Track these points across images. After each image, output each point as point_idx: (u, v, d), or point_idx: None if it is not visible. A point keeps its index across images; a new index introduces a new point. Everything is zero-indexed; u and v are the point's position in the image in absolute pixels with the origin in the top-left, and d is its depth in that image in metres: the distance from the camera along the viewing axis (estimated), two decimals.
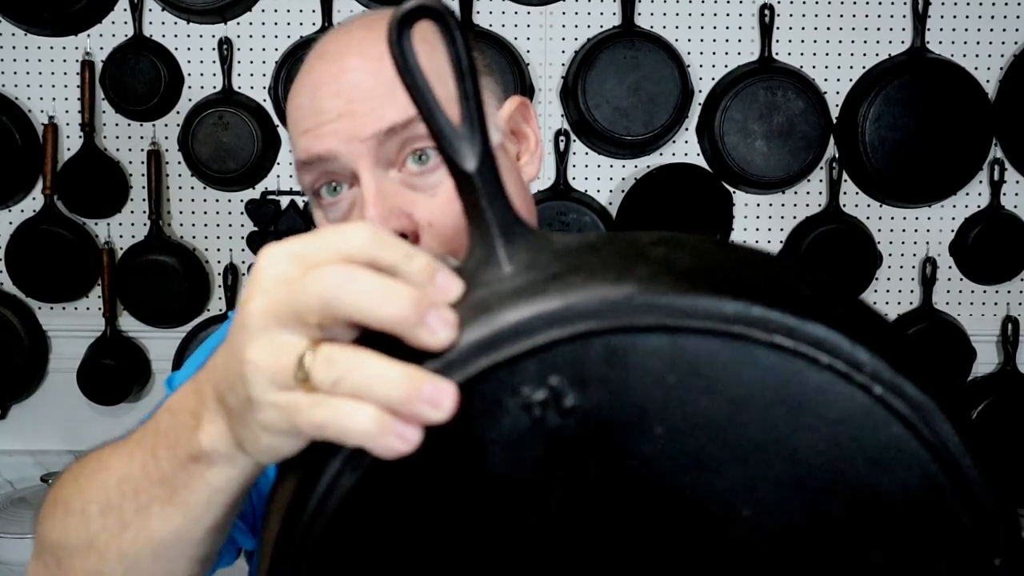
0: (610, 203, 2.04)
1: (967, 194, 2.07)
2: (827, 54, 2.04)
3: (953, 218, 2.08)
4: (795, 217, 2.07)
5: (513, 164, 0.85)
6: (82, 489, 0.60)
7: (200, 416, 0.49)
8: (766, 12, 2.00)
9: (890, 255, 2.08)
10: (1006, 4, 2.04)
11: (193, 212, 2.04)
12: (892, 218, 2.08)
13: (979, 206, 2.08)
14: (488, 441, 0.38)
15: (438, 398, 0.38)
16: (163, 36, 2.00)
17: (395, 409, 0.38)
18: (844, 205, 2.05)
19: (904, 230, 2.08)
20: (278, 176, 2.02)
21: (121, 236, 2.03)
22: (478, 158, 0.43)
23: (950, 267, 2.09)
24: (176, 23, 2.00)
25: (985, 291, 2.10)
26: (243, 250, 2.02)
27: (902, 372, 0.37)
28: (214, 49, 1.99)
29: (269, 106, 2.00)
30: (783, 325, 0.37)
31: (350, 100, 0.75)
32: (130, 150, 2.02)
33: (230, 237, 2.04)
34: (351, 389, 0.39)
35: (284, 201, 1.99)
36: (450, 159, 0.43)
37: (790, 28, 2.04)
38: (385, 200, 0.75)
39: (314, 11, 1.98)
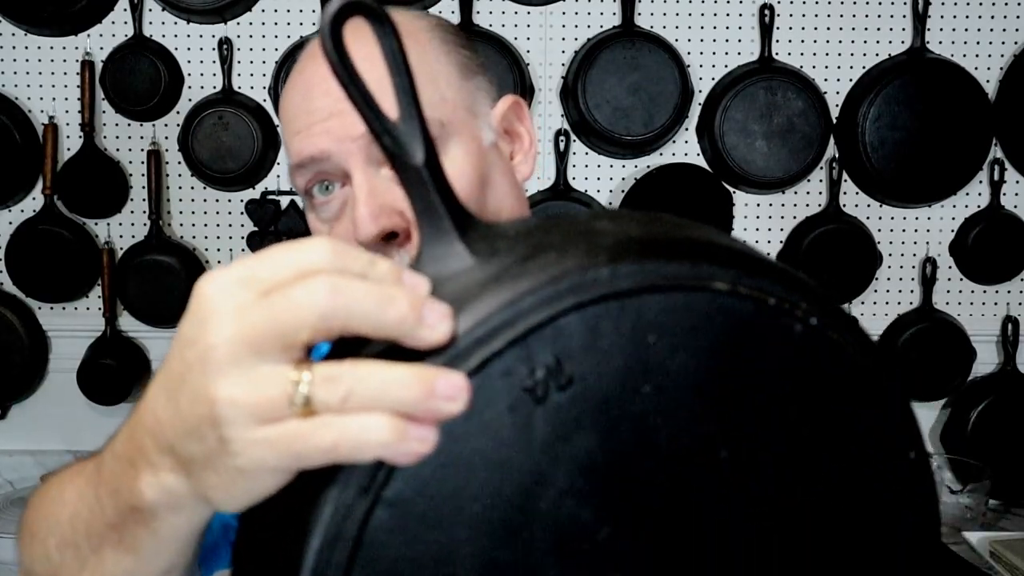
0: (610, 203, 2.04)
1: (967, 194, 2.07)
2: (827, 54, 2.04)
3: (953, 218, 2.08)
4: (795, 217, 2.07)
5: (507, 163, 0.86)
6: (43, 519, 0.59)
7: (138, 466, 0.46)
8: (766, 12, 2.01)
9: (890, 255, 2.08)
10: (1006, 4, 2.04)
11: (193, 212, 2.04)
12: (892, 218, 2.08)
13: (979, 206, 2.08)
14: (495, 429, 0.39)
15: (454, 391, 0.37)
16: (163, 36, 2.00)
17: (411, 411, 0.37)
18: (844, 205, 2.05)
19: (904, 230, 2.08)
20: (278, 176, 2.02)
21: (121, 236, 2.03)
22: (423, 151, 0.43)
23: (950, 267, 2.09)
24: (176, 23, 2.00)
25: (985, 291, 2.10)
26: (243, 250, 2.02)
27: (827, 305, 0.43)
28: (214, 49, 1.99)
29: (269, 106, 2.00)
30: (736, 275, 0.41)
31: (341, 99, 0.75)
32: (130, 150, 2.02)
33: (230, 237, 2.04)
34: (363, 402, 0.37)
35: (284, 201, 1.99)
36: (395, 155, 0.43)
37: (790, 28, 2.04)
38: (376, 198, 0.75)
39: (314, 11, 1.99)
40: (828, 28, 2.04)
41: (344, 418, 0.38)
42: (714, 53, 2.03)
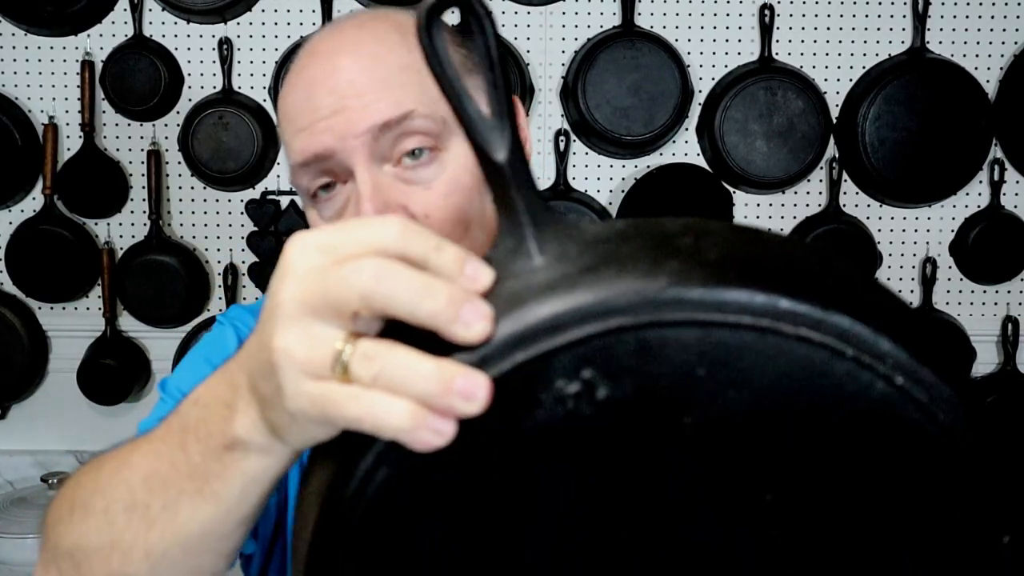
0: (610, 203, 2.04)
1: (967, 194, 2.07)
2: (827, 54, 2.04)
3: (953, 218, 2.08)
4: (795, 217, 2.07)
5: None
6: (103, 489, 0.59)
7: (234, 406, 0.50)
8: (766, 12, 2.01)
9: (890, 255, 2.08)
10: (1006, 4, 2.04)
11: (193, 212, 2.04)
12: (892, 218, 2.08)
13: (979, 206, 2.08)
14: (522, 433, 0.39)
15: (472, 391, 0.38)
16: (163, 36, 2.00)
17: (430, 403, 0.39)
18: (844, 205, 2.05)
19: (904, 230, 2.08)
20: (278, 176, 2.02)
21: (121, 236, 2.03)
22: (508, 148, 0.43)
23: (950, 267, 2.09)
24: (176, 23, 2.00)
25: (985, 291, 2.10)
26: (243, 250, 2.02)
27: (921, 360, 0.38)
28: (214, 49, 1.99)
29: (269, 106, 2.00)
30: (810, 317, 0.38)
31: (343, 97, 0.76)
32: (130, 150, 2.02)
33: (230, 237, 2.04)
34: (388, 384, 0.40)
35: (284, 201, 1.99)
36: (480, 150, 0.44)
37: (790, 28, 2.04)
38: (381, 194, 0.76)
39: (314, 11, 1.98)
40: (828, 28, 2.04)
41: (372, 395, 0.40)
42: (714, 53, 2.03)
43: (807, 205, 2.07)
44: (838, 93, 2.04)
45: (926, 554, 0.40)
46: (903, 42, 2.04)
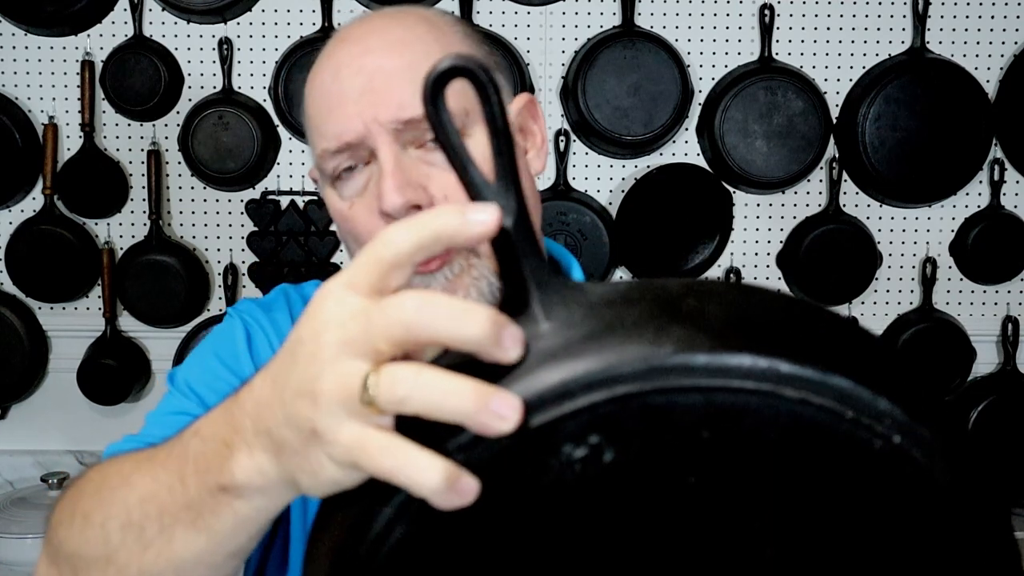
0: (610, 203, 2.04)
1: (967, 194, 2.07)
2: (827, 54, 2.04)
3: (953, 218, 2.08)
4: (795, 217, 2.07)
5: (523, 157, 0.88)
6: (103, 503, 0.60)
7: (234, 447, 0.49)
8: (766, 12, 2.01)
9: (890, 255, 2.08)
10: (1006, 4, 2.04)
11: (193, 212, 2.04)
12: (892, 218, 2.08)
13: (979, 206, 2.08)
14: (529, 498, 0.40)
15: (507, 410, 0.38)
16: (163, 36, 2.00)
17: (463, 421, 0.39)
18: (844, 205, 2.05)
19: (904, 230, 2.08)
20: (278, 176, 2.02)
21: (121, 236, 2.03)
22: (513, 214, 0.43)
23: (950, 267, 2.09)
24: (176, 23, 2.00)
25: (985, 291, 2.10)
26: (243, 250, 2.02)
27: (917, 417, 0.40)
28: (214, 49, 1.99)
29: (269, 106, 2.00)
30: (811, 381, 0.39)
31: (371, 79, 0.78)
32: (130, 150, 2.02)
33: (230, 237, 2.04)
34: (419, 407, 0.40)
35: (284, 201, 1.99)
36: None
37: (790, 28, 2.04)
38: (402, 172, 0.78)
39: (314, 11, 1.98)
40: (828, 28, 2.04)
41: (407, 453, 0.40)
42: (714, 53, 2.03)
43: (807, 205, 2.07)
44: (838, 93, 2.04)
45: None
46: (903, 42, 2.04)
